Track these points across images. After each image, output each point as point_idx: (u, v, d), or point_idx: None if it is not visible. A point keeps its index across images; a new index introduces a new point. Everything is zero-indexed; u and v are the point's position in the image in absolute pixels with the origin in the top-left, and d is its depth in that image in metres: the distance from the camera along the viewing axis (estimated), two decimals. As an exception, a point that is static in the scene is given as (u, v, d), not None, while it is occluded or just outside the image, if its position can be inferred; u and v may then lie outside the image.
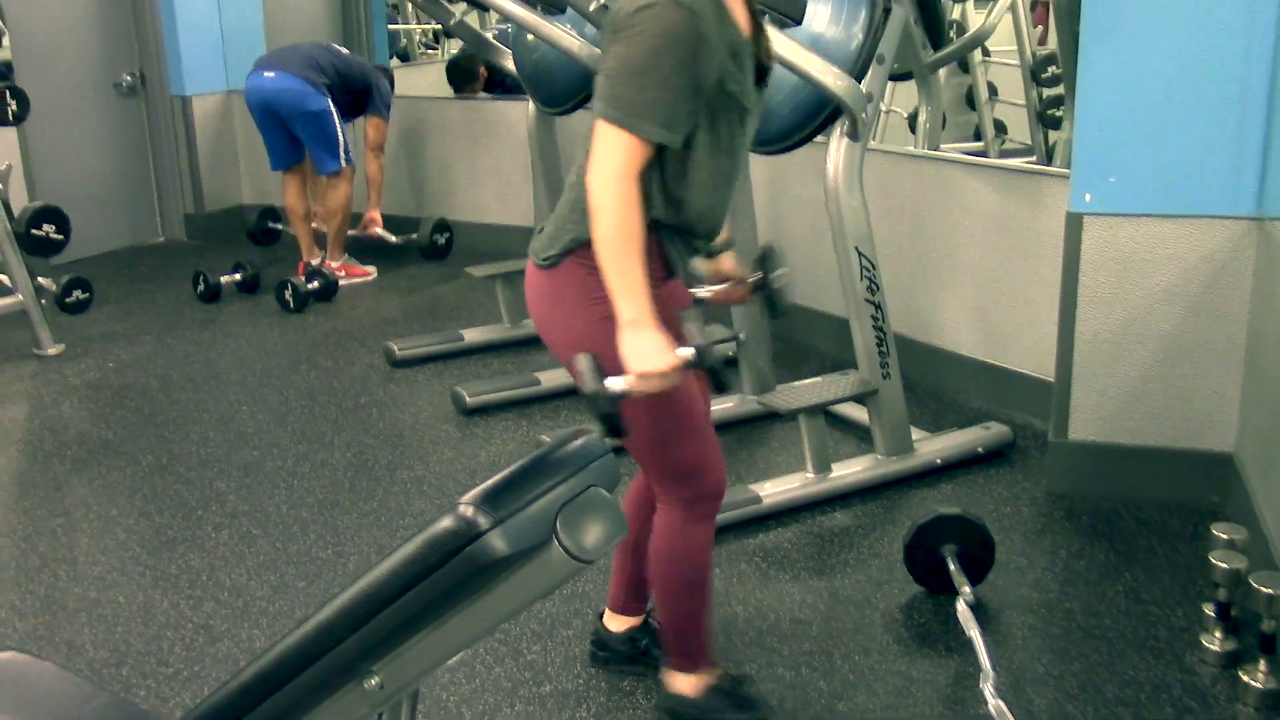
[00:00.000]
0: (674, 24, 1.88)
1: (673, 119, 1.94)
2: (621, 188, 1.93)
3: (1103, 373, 3.33)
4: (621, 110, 1.92)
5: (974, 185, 4.00)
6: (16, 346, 4.89)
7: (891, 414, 3.51)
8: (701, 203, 2.09)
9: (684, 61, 1.90)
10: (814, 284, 4.61)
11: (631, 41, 1.91)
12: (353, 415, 4.20)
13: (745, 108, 2.07)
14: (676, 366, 1.94)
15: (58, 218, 4.74)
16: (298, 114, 5.39)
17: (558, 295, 2.11)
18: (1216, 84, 3.04)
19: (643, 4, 1.91)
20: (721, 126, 2.04)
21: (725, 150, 2.07)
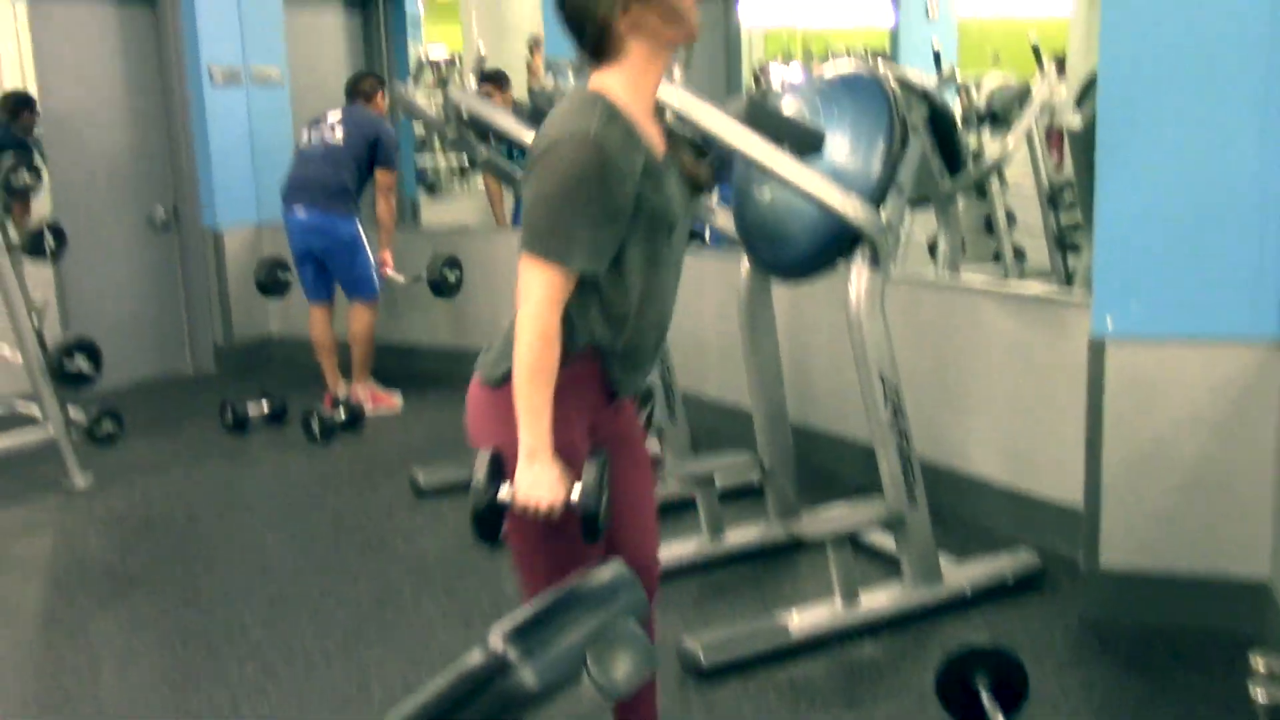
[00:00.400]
0: (582, 158, 1.96)
1: (591, 249, 2.01)
2: (541, 322, 2.00)
3: (1131, 499, 3.31)
4: (540, 244, 2.00)
5: (995, 311, 4.02)
6: (45, 478, 4.92)
7: (919, 541, 3.48)
8: (640, 320, 2.15)
9: (596, 193, 1.98)
10: (838, 410, 4.61)
11: (544, 178, 2.00)
12: (378, 546, 4.19)
13: (671, 222, 2.13)
14: (558, 507, 2.00)
15: (90, 350, 4.81)
16: (331, 247, 5.53)
17: (496, 412, 2.13)
18: (1234, 207, 3.08)
19: (551, 141, 2.00)
20: (651, 243, 2.10)
21: (658, 265, 2.14)
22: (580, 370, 2.11)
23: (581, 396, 2.12)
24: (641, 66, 2.07)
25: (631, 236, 2.06)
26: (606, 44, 2.05)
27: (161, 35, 6.49)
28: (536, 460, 2.00)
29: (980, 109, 5.60)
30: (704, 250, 5.26)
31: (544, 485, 1.99)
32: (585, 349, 2.10)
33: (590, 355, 2.12)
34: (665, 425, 4.39)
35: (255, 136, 6.72)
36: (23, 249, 4.70)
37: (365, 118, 5.58)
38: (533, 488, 1.99)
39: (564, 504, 2.01)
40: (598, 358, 2.14)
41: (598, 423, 2.19)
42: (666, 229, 2.12)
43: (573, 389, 2.08)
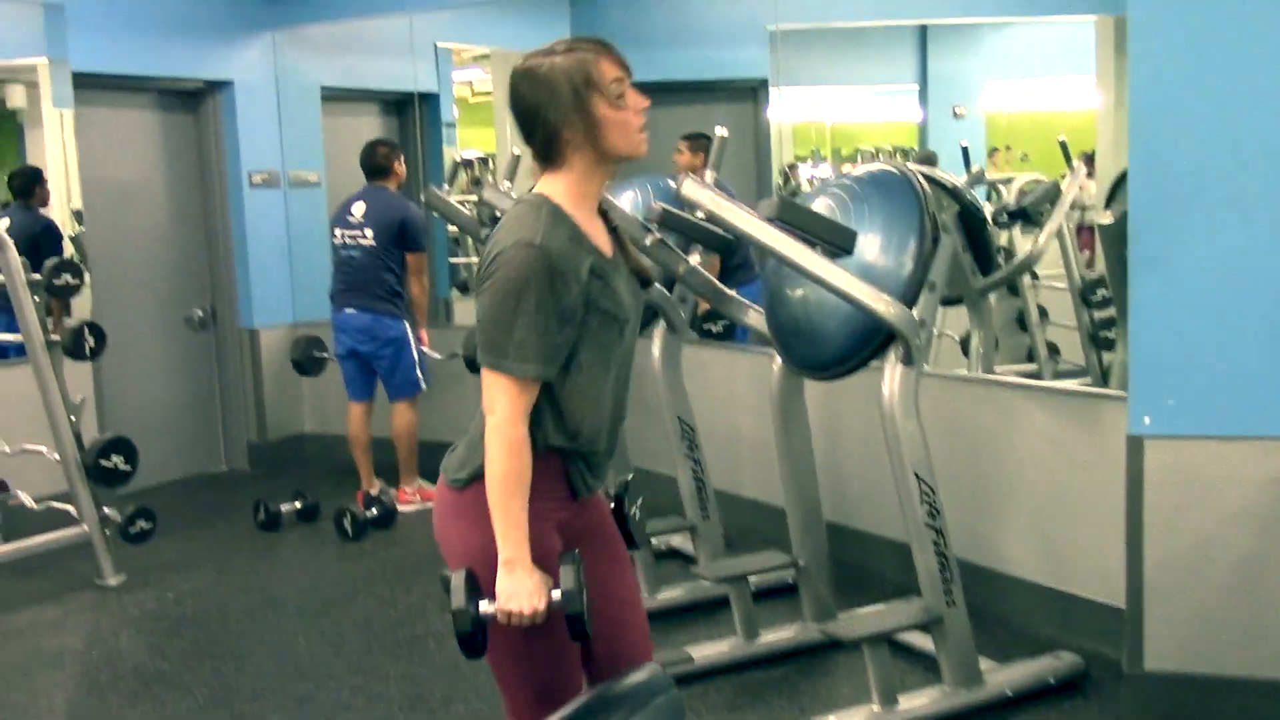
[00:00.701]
0: (526, 265, 2.02)
1: (545, 354, 2.05)
2: (508, 434, 2.05)
3: (1176, 599, 3.24)
4: (496, 356, 2.05)
5: (1030, 408, 4.00)
6: (79, 576, 4.93)
7: (958, 643, 3.42)
8: (597, 417, 2.18)
9: (543, 298, 2.03)
10: (872, 508, 4.57)
11: (492, 290, 2.05)
12: (409, 646, 4.15)
13: (623, 320, 2.17)
14: (541, 612, 2.03)
15: (127, 449, 4.84)
16: (377, 350, 5.61)
17: (461, 514, 2.16)
18: (1269, 303, 3.06)
19: (496, 252, 2.06)
20: (602, 342, 2.14)
21: (611, 362, 2.18)
22: (544, 470, 2.13)
23: (548, 496, 2.15)
24: (586, 172, 2.14)
25: (584, 337, 2.11)
26: (554, 148, 2.13)
27: (203, 141, 6.64)
28: (516, 569, 2.03)
29: (1010, 206, 5.62)
30: (736, 348, 5.28)
31: (525, 593, 2.02)
32: (545, 450, 2.14)
33: (552, 455, 2.16)
34: (698, 523, 4.36)
35: (292, 237, 6.84)
36: (63, 348, 4.76)
37: (388, 207, 5.61)
38: (514, 597, 2.02)
39: (547, 608, 2.04)
40: (559, 457, 2.17)
41: (566, 520, 2.22)
42: (618, 327, 2.17)
43: (538, 490, 2.11)
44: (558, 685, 2.21)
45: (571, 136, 2.10)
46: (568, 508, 2.21)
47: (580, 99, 2.08)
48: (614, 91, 2.10)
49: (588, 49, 2.12)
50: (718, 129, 3.89)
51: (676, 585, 4.41)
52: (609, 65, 2.12)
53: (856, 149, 7.30)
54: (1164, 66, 3.14)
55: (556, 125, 2.10)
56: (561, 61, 2.10)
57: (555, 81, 2.09)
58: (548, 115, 2.09)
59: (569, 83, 2.08)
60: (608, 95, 2.10)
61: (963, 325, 5.09)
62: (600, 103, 2.09)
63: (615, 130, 2.11)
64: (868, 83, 7.29)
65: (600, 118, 2.09)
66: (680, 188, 3.31)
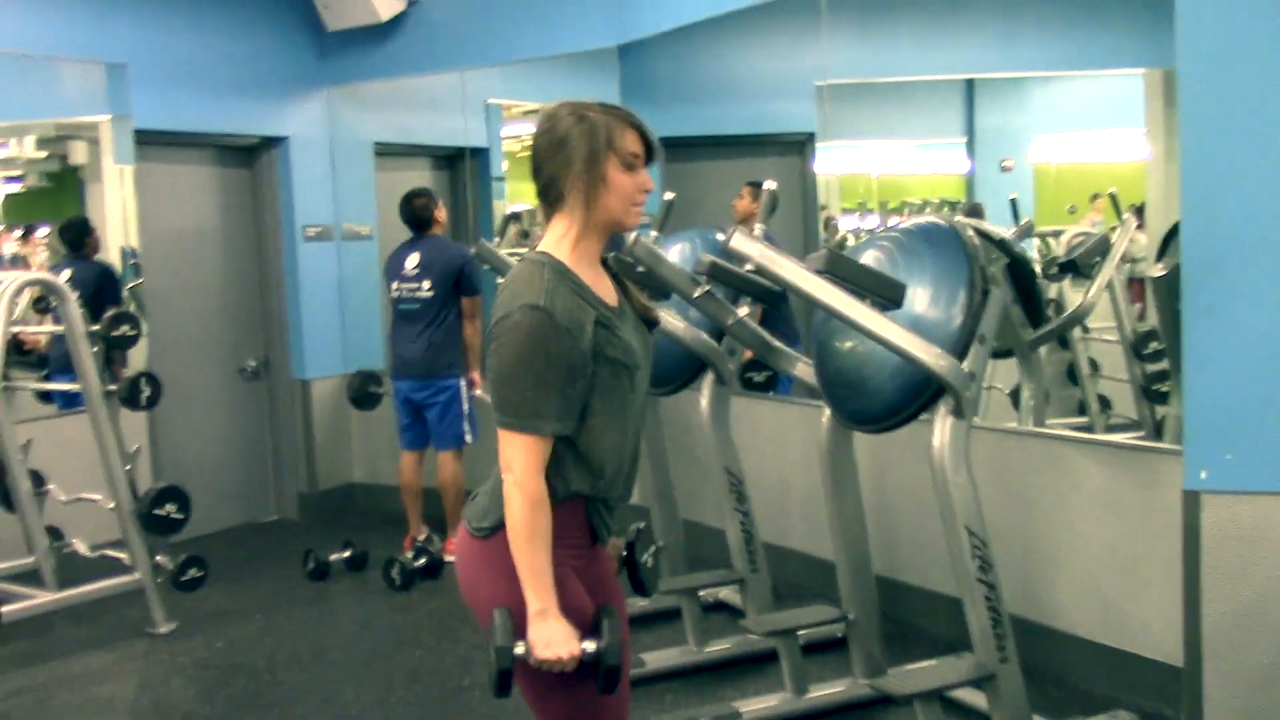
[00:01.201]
0: (532, 327, 2.09)
1: (558, 411, 2.11)
2: (528, 489, 2.10)
3: (1235, 657, 3.18)
4: (511, 415, 2.11)
5: (1083, 462, 3.95)
6: (130, 624, 4.97)
7: (1011, 700, 3.36)
8: (615, 461, 2.22)
9: (552, 357, 2.09)
10: (923, 562, 4.53)
11: (502, 351, 2.12)
12: (455, 697, 4.15)
13: (632, 366, 2.22)
14: (576, 657, 2.11)
15: (180, 497, 4.90)
16: (430, 399, 5.67)
17: (487, 563, 2.21)
18: (1327, 359, 3.02)
19: (502, 315, 2.13)
20: (613, 389, 2.19)
21: (625, 409, 2.23)
22: (566, 517, 2.19)
23: (569, 543, 2.21)
24: (587, 224, 2.21)
25: (595, 386, 2.16)
26: (553, 196, 2.22)
27: (258, 195, 6.77)
28: (548, 619, 2.10)
29: (1060, 259, 5.60)
30: (785, 400, 5.27)
31: (559, 640, 2.09)
32: (567, 497, 2.19)
33: (573, 502, 2.21)
34: (747, 576, 4.33)
35: (344, 289, 6.94)
36: (120, 398, 4.84)
37: (443, 255, 5.66)
38: (550, 644, 2.09)
39: (579, 657, 2.11)
40: (580, 503, 2.22)
41: (582, 567, 2.27)
42: (628, 374, 2.21)
43: (560, 537, 2.16)
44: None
45: (574, 187, 2.18)
46: (584, 555, 2.27)
47: (595, 155, 2.17)
48: (627, 161, 2.19)
49: (620, 117, 2.22)
50: (766, 183, 3.92)
51: (724, 639, 4.38)
52: (633, 139, 2.21)
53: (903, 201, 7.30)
54: (1215, 119, 3.13)
55: (559, 173, 2.19)
56: (596, 117, 2.19)
57: (575, 135, 2.17)
58: (554, 162, 2.19)
59: (590, 138, 2.17)
60: (621, 160, 2.19)
61: (1013, 378, 5.06)
62: (612, 164, 2.18)
63: (614, 194, 2.19)
64: (915, 136, 7.31)
65: (606, 177, 2.18)
66: (729, 240, 3.33)
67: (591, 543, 2.28)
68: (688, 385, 4.66)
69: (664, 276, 3.98)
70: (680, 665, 4.24)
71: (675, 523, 4.91)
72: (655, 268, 3.95)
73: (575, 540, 2.23)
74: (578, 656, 2.11)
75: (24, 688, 4.39)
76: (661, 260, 4.00)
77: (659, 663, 4.20)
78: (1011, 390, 5.07)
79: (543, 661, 2.09)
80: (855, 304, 3.17)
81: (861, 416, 3.55)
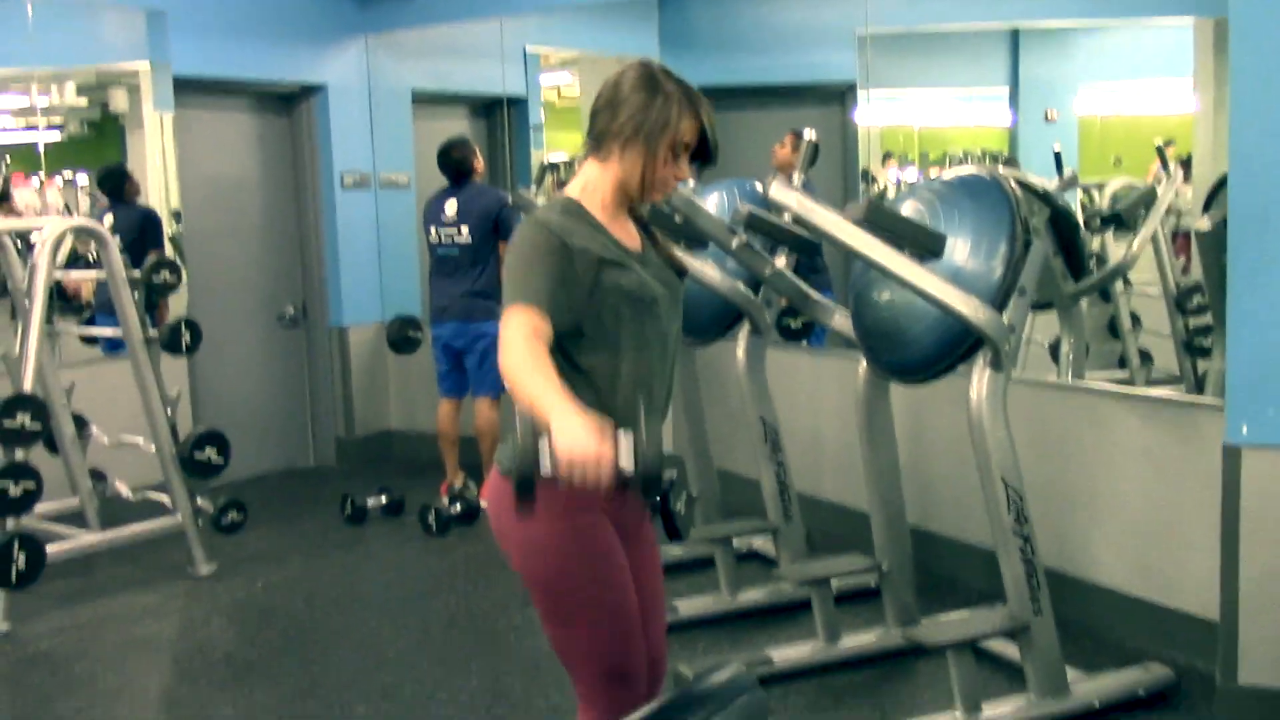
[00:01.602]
0: (536, 236, 2.19)
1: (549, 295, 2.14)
2: (519, 338, 2.08)
3: (1272, 611, 3.16)
4: (510, 296, 2.16)
5: (1122, 415, 3.92)
6: (172, 565, 5.06)
7: (1044, 652, 3.37)
8: (639, 397, 2.24)
9: (550, 257, 2.17)
10: (959, 514, 4.52)
11: (510, 260, 2.21)
12: (491, 641, 4.20)
13: (649, 299, 2.25)
14: (608, 458, 1.86)
15: (219, 442, 4.96)
16: (469, 346, 5.70)
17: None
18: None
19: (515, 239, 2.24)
20: (637, 323, 2.24)
21: (647, 343, 2.26)
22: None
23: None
24: (617, 178, 2.28)
25: (610, 314, 2.21)
26: (599, 142, 2.29)
27: (296, 143, 6.78)
28: (567, 416, 1.90)
29: (1103, 211, 5.53)
30: (821, 351, 5.25)
31: (582, 434, 1.87)
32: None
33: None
34: (781, 525, 4.35)
35: (382, 238, 6.96)
36: (160, 343, 4.89)
37: (481, 201, 5.65)
38: (574, 440, 1.86)
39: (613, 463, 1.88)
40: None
41: (613, 512, 2.28)
42: (647, 307, 2.25)
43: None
44: (626, 665, 2.28)
45: (621, 143, 2.25)
46: (615, 498, 2.23)
47: (654, 127, 2.22)
48: (678, 150, 2.26)
49: (693, 103, 2.25)
50: (807, 132, 3.88)
51: (758, 587, 4.40)
52: (692, 129, 2.26)
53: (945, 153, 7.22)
54: (1266, 69, 3.07)
55: (619, 132, 2.25)
56: (672, 91, 2.24)
57: (649, 98, 2.23)
58: (612, 114, 2.25)
59: (660, 109, 2.23)
60: (673, 144, 2.24)
61: (1052, 331, 5.02)
62: (663, 145, 2.24)
63: (650, 172, 2.25)
64: (957, 86, 7.21)
65: (653, 153, 2.23)
66: (767, 189, 3.31)
67: (623, 485, 2.27)
68: (724, 335, 4.65)
69: (701, 226, 3.96)
70: (713, 613, 4.27)
71: (710, 472, 4.93)
72: (693, 218, 3.94)
73: None
74: (608, 457, 1.86)
75: (68, 626, 4.48)
76: (699, 210, 3.98)
77: (692, 610, 4.22)
78: (1051, 343, 5.03)
79: (572, 461, 1.85)
80: (894, 255, 3.15)
81: (899, 368, 3.54)
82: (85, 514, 5.15)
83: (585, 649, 2.28)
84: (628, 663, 2.28)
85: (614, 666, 2.27)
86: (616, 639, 2.26)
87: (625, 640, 2.27)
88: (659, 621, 2.44)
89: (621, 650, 2.27)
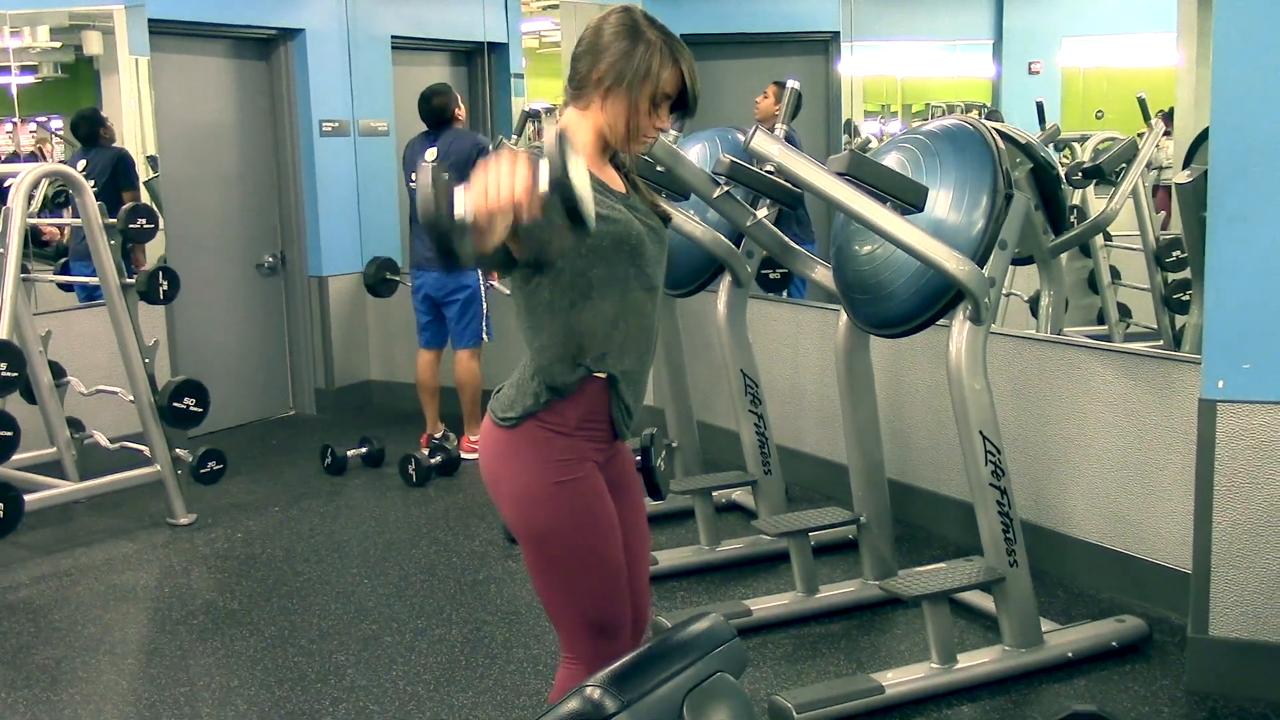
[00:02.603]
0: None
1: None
2: None
3: (1244, 565, 3.20)
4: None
5: (1100, 369, 3.94)
6: (152, 515, 5.05)
7: (1019, 603, 3.40)
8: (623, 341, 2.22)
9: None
10: (937, 468, 4.55)
11: None
12: (471, 591, 4.22)
13: (633, 245, 2.21)
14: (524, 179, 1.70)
15: (198, 391, 4.93)
16: (449, 296, 5.67)
17: (514, 454, 2.24)
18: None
19: None
20: (617, 266, 2.19)
21: (629, 288, 2.22)
22: (587, 404, 2.21)
23: (591, 433, 2.23)
24: (598, 126, 2.23)
25: (595, 256, 2.16)
26: (580, 90, 2.24)
27: (274, 89, 6.70)
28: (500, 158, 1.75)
29: (1085, 165, 5.53)
30: (801, 304, 5.25)
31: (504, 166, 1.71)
32: (584, 384, 2.20)
33: (593, 386, 2.21)
34: (760, 478, 4.36)
35: (361, 186, 6.90)
36: (138, 291, 4.85)
37: (459, 145, 5.58)
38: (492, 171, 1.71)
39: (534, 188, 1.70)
40: (601, 389, 2.22)
41: (601, 463, 2.28)
42: (628, 252, 2.21)
43: (583, 425, 2.20)
44: (611, 618, 2.29)
45: (600, 91, 2.21)
46: (604, 449, 2.28)
47: (634, 76, 2.18)
48: (659, 99, 2.22)
49: (675, 53, 2.22)
50: (789, 81, 3.86)
51: (737, 539, 4.43)
52: (672, 80, 2.22)
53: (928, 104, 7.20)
54: (1250, 22, 3.05)
55: (587, 73, 2.22)
56: (653, 39, 2.20)
57: (630, 45, 2.19)
58: (592, 61, 2.21)
59: (641, 57, 2.19)
60: (654, 94, 2.21)
61: (1032, 285, 5.03)
62: (644, 94, 2.20)
63: (632, 122, 2.21)
64: (941, 37, 7.17)
65: (634, 103, 2.20)
66: (749, 140, 3.29)
67: (612, 436, 2.29)
68: (705, 287, 4.65)
69: (683, 176, 3.94)
70: (693, 564, 4.29)
71: (690, 423, 4.94)
72: (674, 167, 3.92)
73: (597, 432, 2.24)
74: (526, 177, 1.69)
75: (47, 574, 4.48)
76: (681, 160, 3.96)
77: (672, 561, 4.25)
78: (1031, 297, 5.05)
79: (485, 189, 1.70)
80: (876, 207, 3.14)
81: (879, 321, 3.54)
82: (63, 464, 5.13)
83: (572, 600, 2.28)
84: (613, 615, 2.29)
85: (600, 618, 2.28)
86: (603, 591, 2.26)
87: (612, 592, 2.27)
88: (643, 575, 2.45)
89: (608, 602, 2.28)
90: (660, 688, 1.32)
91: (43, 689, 3.55)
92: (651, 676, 1.35)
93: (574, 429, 2.20)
